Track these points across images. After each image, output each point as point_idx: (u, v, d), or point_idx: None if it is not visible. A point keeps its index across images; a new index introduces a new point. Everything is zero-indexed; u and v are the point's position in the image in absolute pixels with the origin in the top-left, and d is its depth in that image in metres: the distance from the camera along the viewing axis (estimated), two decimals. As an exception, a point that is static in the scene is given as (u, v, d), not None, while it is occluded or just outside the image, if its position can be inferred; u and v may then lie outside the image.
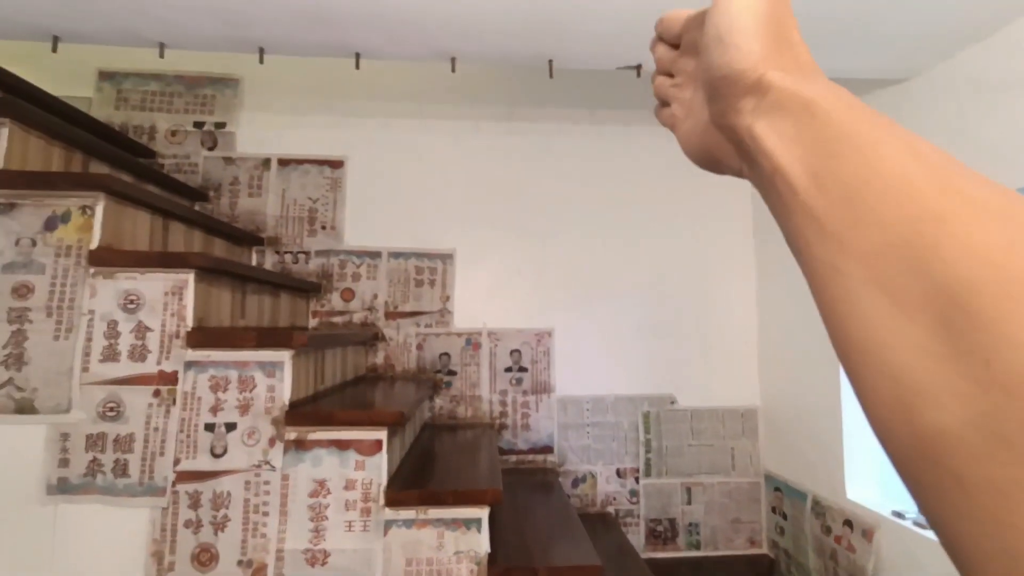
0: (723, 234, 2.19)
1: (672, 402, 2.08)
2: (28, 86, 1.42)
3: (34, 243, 1.15)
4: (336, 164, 2.06)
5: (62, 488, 1.10)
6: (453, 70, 1.28)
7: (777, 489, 1.97)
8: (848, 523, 1.58)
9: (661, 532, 2.03)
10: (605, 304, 2.10)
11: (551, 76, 1.31)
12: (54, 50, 1.15)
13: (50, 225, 1.15)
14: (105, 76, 2.00)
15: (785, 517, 1.91)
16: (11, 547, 1.07)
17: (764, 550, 2.03)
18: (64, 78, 1.89)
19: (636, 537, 2.00)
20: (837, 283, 0.20)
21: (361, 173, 2.06)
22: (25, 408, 1.10)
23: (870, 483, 1.61)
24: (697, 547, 2.02)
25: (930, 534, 1.35)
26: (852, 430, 1.63)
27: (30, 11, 1.05)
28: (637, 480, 2.04)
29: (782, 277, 2.00)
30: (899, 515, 1.45)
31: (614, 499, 2.03)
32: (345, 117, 2.09)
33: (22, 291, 1.13)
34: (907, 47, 1.27)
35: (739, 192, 2.21)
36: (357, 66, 1.27)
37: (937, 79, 1.36)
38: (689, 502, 2.04)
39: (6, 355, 1.11)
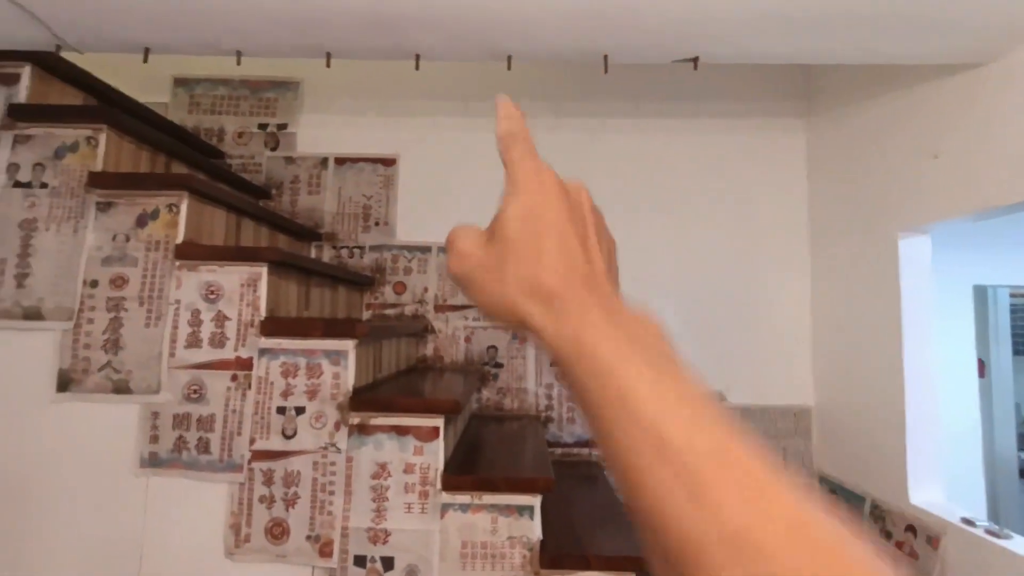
0: (775, 230, 2.12)
1: (722, 399, 2.05)
2: (119, 95, 1.55)
3: (128, 239, 1.26)
4: (389, 162, 2.13)
5: (153, 462, 1.20)
6: (509, 68, 1.31)
7: (832, 491, 1.91)
8: (911, 529, 1.52)
9: (709, 530, 2.00)
10: (652, 300, 2.09)
11: (606, 71, 1.32)
12: (145, 60, 1.26)
13: (141, 222, 1.26)
14: (179, 82, 2.15)
15: (840, 520, 1.85)
16: (112, 511, 1.19)
17: (817, 553, 1.97)
18: (143, 85, 2.04)
19: (683, 534, 1.98)
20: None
21: (412, 171, 2.13)
22: (121, 388, 1.22)
23: (936, 487, 1.54)
24: (746, 547, 1.99)
25: (1005, 543, 1.29)
26: (916, 431, 1.56)
27: (128, 27, 1.16)
28: (684, 477, 2.02)
29: (838, 274, 1.93)
30: (969, 522, 1.38)
31: (660, 495, 2.02)
32: (397, 117, 2.16)
33: (118, 282, 1.25)
34: (984, 30, 1.21)
35: (793, 187, 2.14)
36: (417, 67, 1.32)
37: (1016, 63, 1.27)
38: (738, 501, 2.01)
39: (105, 340, 1.23)
